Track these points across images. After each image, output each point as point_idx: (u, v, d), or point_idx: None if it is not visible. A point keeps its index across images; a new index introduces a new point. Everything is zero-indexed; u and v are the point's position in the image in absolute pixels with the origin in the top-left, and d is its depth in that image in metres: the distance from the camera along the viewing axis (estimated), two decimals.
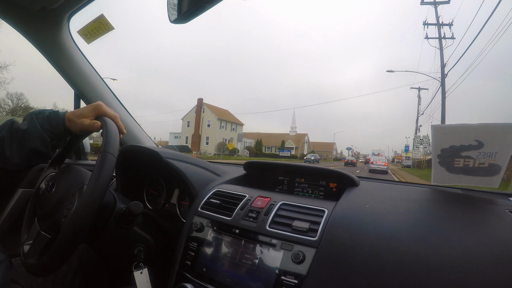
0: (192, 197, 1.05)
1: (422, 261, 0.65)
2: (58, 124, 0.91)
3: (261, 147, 56.30)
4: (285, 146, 61.81)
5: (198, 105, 48.59)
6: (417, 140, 25.58)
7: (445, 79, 18.72)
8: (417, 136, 26.50)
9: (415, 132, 28.82)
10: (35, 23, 1.26)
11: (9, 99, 35.69)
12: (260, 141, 56.87)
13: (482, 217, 0.81)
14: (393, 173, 21.77)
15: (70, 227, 0.70)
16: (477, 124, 0.91)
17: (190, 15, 0.83)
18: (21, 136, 0.88)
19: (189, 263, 0.90)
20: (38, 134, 0.88)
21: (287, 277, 0.73)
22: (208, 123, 50.02)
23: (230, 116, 54.91)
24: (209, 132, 49.74)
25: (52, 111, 0.93)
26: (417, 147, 25.33)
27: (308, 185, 1.13)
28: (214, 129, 49.61)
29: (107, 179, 0.75)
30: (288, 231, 0.80)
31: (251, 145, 56.57)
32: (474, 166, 0.93)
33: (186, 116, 53.43)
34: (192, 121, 50.43)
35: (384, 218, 0.79)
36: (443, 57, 19.29)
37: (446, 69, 18.81)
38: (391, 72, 24.04)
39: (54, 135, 0.91)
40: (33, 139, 0.88)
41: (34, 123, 0.89)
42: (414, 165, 29.92)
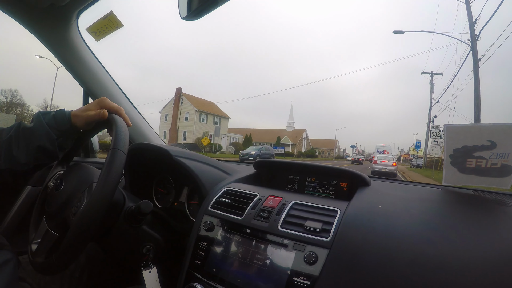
0: (202, 195, 1.05)
1: (435, 262, 0.65)
2: (64, 120, 0.91)
3: (251, 144, 47.40)
4: (281, 143, 57.20)
5: (176, 95, 39.54)
6: (435, 132, 20.85)
7: (476, 41, 13.39)
8: (435, 126, 21.70)
9: (428, 125, 24.27)
10: (44, 21, 1.26)
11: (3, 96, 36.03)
12: (250, 137, 50.09)
13: (494, 218, 0.80)
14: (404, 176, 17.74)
15: (79, 225, 0.70)
16: (490, 124, 0.90)
17: (201, 12, 0.83)
18: (27, 134, 0.88)
19: (199, 262, 0.89)
20: (44, 132, 0.88)
21: (299, 278, 0.73)
22: (186, 116, 43.68)
23: (213, 108, 48.63)
24: (187, 126, 43.20)
25: (58, 110, 0.94)
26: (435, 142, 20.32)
27: (319, 185, 1.13)
28: (192, 122, 43.38)
29: (117, 176, 0.74)
30: (301, 231, 0.79)
31: (238, 141, 50.70)
32: (486, 166, 0.92)
33: (164, 108, 47.25)
34: (170, 114, 41.63)
35: (396, 219, 0.79)
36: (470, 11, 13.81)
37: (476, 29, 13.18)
38: (400, 33, 19.36)
39: (61, 132, 0.91)
40: (40, 137, 0.88)
41: (41, 122, 0.89)
42: (426, 164, 26.76)
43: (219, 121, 47.70)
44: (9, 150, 0.86)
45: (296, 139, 62.41)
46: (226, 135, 47.55)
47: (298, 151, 59.20)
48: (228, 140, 48.76)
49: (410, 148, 35.78)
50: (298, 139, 63.18)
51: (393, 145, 39.65)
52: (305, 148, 64.70)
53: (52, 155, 0.92)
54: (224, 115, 49.84)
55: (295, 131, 67.03)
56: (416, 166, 30.84)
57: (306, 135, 68.24)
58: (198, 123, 43.85)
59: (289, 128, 70.00)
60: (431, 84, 25.90)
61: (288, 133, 64.73)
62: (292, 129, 69.50)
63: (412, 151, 33.67)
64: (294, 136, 63.59)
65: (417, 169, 26.97)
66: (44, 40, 1.32)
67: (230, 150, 45.49)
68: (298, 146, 62.10)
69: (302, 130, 67.78)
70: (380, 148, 32.51)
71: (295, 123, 75.76)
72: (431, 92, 25.64)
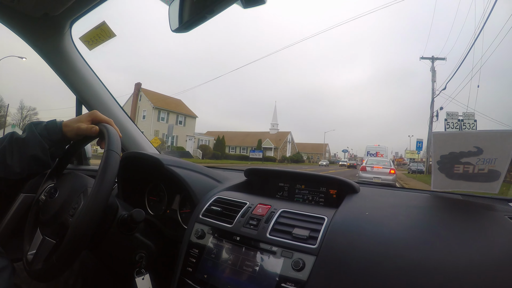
0: (193, 204, 1.06)
1: (421, 268, 0.66)
2: (55, 131, 0.94)
3: (223, 147, 44.27)
4: (262, 146, 51.31)
5: (135, 91, 30.37)
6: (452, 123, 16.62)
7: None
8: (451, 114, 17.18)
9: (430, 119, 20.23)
10: (38, 30, 1.27)
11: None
12: (222, 139, 44.06)
13: (482, 223, 0.82)
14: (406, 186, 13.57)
15: (80, 223, 0.71)
16: (476, 131, 0.92)
17: (191, 25, 0.85)
18: (21, 145, 0.90)
19: (190, 269, 0.90)
20: (37, 142, 0.91)
21: (287, 284, 0.74)
22: (143, 114, 37.79)
23: (178, 106, 41.72)
24: (145, 126, 36.42)
25: (50, 121, 0.96)
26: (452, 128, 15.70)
27: (309, 192, 1.14)
28: (150, 121, 37.30)
29: (113, 175, 0.77)
30: (288, 239, 0.81)
31: (208, 144, 45.06)
32: (473, 172, 0.94)
33: (123, 106, 39.44)
34: (129, 112, 35.05)
35: (383, 225, 0.80)
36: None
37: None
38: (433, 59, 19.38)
39: (52, 142, 0.93)
40: (33, 147, 0.90)
41: (33, 132, 0.92)
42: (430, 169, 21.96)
43: (183, 120, 41.37)
44: (3, 160, 0.88)
45: (279, 142, 56.16)
46: (192, 137, 42.51)
47: (281, 156, 54.43)
48: (195, 143, 43.58)
49: (406, 151, 31.12)
50: (282, 142, 56.79)
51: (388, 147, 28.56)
52: (290, 152, 58.43)
53: (44, 164, 0.94)
54: (191, 114, 43.47)
55: (279, 134, 60.22)
56: (416, 172, 25.80)
57: (291, 138, 61.24)
58: (157, 122, 37.64)
59: (273, 131, 62.76)
60: (432, 72, 22.05)
61: (270, 135, 58.27)
62: (276, 131, 62.50)
63: (408, 154, 29.90)
64: (277, 139, 57.18)
65: (419, 176, 22.10)
66: (38, 49, 1.33)
67: (197, 154, 39.97)
68: (282, 150, 56.41)
69: (287, 132, 60.71)
70: (372, 149, 24.36)
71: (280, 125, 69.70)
72: (432, 81, 21.68)
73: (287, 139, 58.46)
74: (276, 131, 62.33)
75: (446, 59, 22.53)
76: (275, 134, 59.96)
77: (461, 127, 17.10)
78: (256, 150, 45.22)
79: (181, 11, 0.83)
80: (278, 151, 54.40)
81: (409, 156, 30.11)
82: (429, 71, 21.90)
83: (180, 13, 0.83)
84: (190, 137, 41.69)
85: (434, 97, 20.91)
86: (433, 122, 20.31)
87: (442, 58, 22.25)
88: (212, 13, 0.76)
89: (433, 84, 21.50)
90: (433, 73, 21.86)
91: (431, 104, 21.04)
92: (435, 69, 22.08)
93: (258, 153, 42.16)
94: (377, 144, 25.05)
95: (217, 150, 42.01)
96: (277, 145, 54.95)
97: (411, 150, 29.32)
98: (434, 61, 22.22)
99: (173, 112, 39.31)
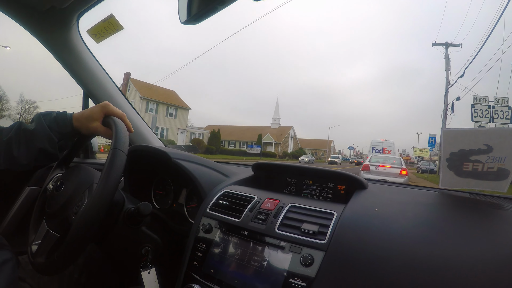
0: (200, 198, 1.06)
1: (430, 265, 0.65)
2: (65, 124, 0.92)
3: (218, 142, 41.07)
4: (262, 141, 48.38)
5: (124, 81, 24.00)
6: (481, 111, 14.68)
7: None
8: (480, 98, 15.05)
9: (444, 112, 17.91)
10: (45, 23, 1.27)
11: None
12: (218, 133, 41.12)
13: (490, 221, 0.81)
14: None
15: (81, 223, 0.71)
16: (486, 129, 0.91)
17: (201, 16, 0.84)
18: (28, 137, 0.89)
19: (197, 264, 0.90)
20: (46, 135, 0.89)
21: (296, 279, 0.73)
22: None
23: (170, 97, 39.31)
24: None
25: (59, 112, 0.94)
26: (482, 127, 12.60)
27: (317, 187, 1.13)
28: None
29: (118, 175, 0.76)
30: (297, 234, 0.80)
31: (202, 138, 42.25)
32: (483, 170, 0.93)
33: None
34: None
35: (392, 222, 0.80)
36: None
37: None
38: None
39: (62, 135, 0.92)
40: (41, 140, 0.89)
41: (42, 124, 0.90)
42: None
43: (174, 112, 38.57)
44: (9, 151, 0.87)
45: (280, 138, 52.76)
46: (184, 130, 39.89)
47: (282, 151, 51.37)
48: (187, 136, 40.90)
49: (415, 149, 27.89)
50: (283, 137, 53.39)
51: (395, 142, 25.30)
52: (291, 148, 55.33)
53: (52, 157, 0.93)
54: (183, 106, 40.35)
55: (280, 129, 57.07)
56: (427, 171, 22.62)
57: (293, 133, 58.22)
58: (144, 113, 34.18)
59: (274, 125, 59.30)
60: (446, 59, 19.47)
61: (271, 130, 54.96)
62: (278, 126, 59.02)
63: (417, 152, 26.66)
64: (279, 134, 53.92)
65: (431, 176, 19.34)
66: (45, 42, 1.33)
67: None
68: (283, 145, 53.16)
69: (289, 127, 57.47)
70: (378, 144, 20.73)
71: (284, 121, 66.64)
72: (446, 69, 19.08)
73: (289, 134, 55.57)
74: (278, 125, 59.35)
75: (461, 45, 19.82)
76: (276, 128, 57.07)
77: (492, 116, 14.91)
78: (254, 145, 42.70)
79: (190, 2, 0.82)
80: (279, 146, 51.45)
81: (417, 154, 27.04)
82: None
83: (189, 4, 0.82)
84: (182, 130, 39.58)
85: (449, 87, 18.60)
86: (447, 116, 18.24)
87: (457, 44, 19.67)
88: (223, 4, 0.75)
89: (447, 73, 19.13)
90: (447, 60, 19.50)
91: (445, 95, 18.66)
92: (449, 57, 19.67)
93: (256, 148, 39.68)
94: (384, 139, 20.86)
95: (211, 144, 39.40)
96: (278, 140, 51.88)
97: (420, 148, 26.74)
98: (448, 48, 19.75)
99: (162, 103, 37.01)
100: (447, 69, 19.01)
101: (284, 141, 53.22)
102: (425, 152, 25.25)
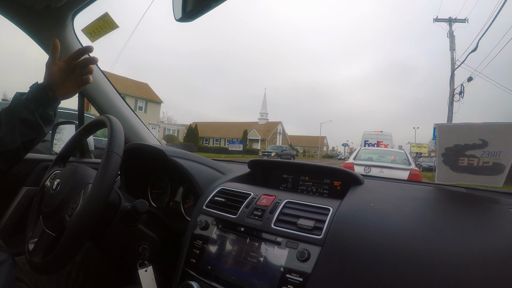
0: (197, 195, 1.06)
1: (426, 259, 0.66)
2: (38, 89, 0.93)
3: (196, 138, 38.94)
4: (248, 138, 45.59)
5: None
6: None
7: None
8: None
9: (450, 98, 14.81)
10: (40, 22, 1.26)
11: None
12: (195, 129, 39.49)
13: (486, 215, 0.82)
14: None
15: (75, 226, 0.71)
16: (481, 123, 0.91)
17: (196, 13, 0.84)
18: (8, 113, 0.91)
19: (194, 261, 0.90)
20: (22, 104, 0.91)
21: (292, 275, 0.74)
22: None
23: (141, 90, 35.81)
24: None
25: (33, 84, 0.97)
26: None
27: (313, 183, 1.14)
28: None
29: (112, 179, 0.76)
30: (293, 229, 0.81)
31: (177, 134, 40.59)
32: (478, 165, 0.94)
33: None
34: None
35: (388, 216, 0.80)
36: None
37: None
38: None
39: (38, 102, 0.93)
40: (19, 110, 0.90)
41: (18, 98, 0.92)
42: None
43: (144, 106, 35.31)
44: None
45: (267, 134, 49.10)
46: (156, 125, 37.30)
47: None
48: (160, 132, 38.40)
49: (412, 145, 23.91)
50: (271, 133, 49.66)
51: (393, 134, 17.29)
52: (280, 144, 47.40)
53: (35, 125, 0.93)
54: (155, 99, 37.36)
55: (268, 124, 53.32)
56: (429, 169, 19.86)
57: (282, 129, 54.16)
58: None
59: (262, 121, 55.77)
60: (450, 37, 16.58)
61: (258, 126, 51.66)
62: (266, 121, 55.43)
63: (414, 147, 23.12)
64: (266, 130, 50.19)
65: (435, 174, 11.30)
66: (40, 41, 1.32)
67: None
68: (271, 142, 48.68)
69: (277, 122, 53.55)
70: (371, 137, 16.10)
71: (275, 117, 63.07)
72: (451, 49, 16.26)
73: (277, 129, 52.14)
74: (266, 121, 56.02)
75: (467, 21, 16.68)
76: (264, 124, 53.68)
77: None
78: (236, 141, 38.23)
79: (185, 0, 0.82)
80: (266, 143, 47.26)
81: (415, 150, 23.61)
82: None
83: (184, 1, 0.82)
84: (154, 125, 36.39)
85: (455, 69, 15.64)
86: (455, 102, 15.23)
87: (462, 19, 16.61)
88: (217, 0, 0.75)
89: (452, 53, 16.18)
90: (451, 38, 16.59)
91: (451, 78, 15.79)
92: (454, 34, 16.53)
93: (238, 145, 35.08)
94: (379, 130, 16.60)
95: (188, 141, 36.32)
96: (265, 136, 48.42)
97: (418, 143, 23.95)
98: (453, 24, 16.71)
99: (130, 96, 33.03)
100: (451, 48, 16.29)
101: (271, 137, 49.95)
102: (424, 148, 23.41)
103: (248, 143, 45.05)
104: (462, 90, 14.37)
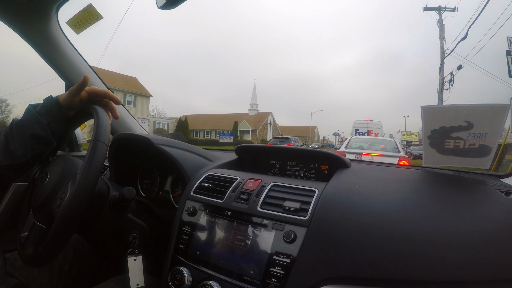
0: (184, 182, 1.06)
1: (413, 239, 0.66)
2: (52, 105, 0.92)
3: (187, 131, 38.92)
4: (239, 129, 45.50)
5: None
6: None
7: None
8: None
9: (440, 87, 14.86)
10: (23, 15, 1.25)
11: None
12: (185, 121, 39.59)
13: (472, 196, 0.83)
14: None
15: (63, 216, 0.72)
16: (466, 105, 0.91)
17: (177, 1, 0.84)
18: (20, 127, 0.90)
19: (183, 247, 0.90)
20: (35, 119, 0.90)
21: (279, 256, 0.74)
22: None
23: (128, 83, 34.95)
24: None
25: (47, 97, 0.95)
26: None
27: (300, 168, 1.14)
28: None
29: (99, 167, 0.76)
30: (279, 211, 0.81)
31: (167, 128, 40.30)
32: (464, 147, 0.94)
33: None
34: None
35: (374, 197, 0.81)
36: None
37: None
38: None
39: (51, 117, 0.92)
40: (31, 125, 0.89)
41: (31, 111, 0.91)
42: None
43: (133, 100, 34.59)
44: (6, 146, 0.88)
45: (258, 125, 48.74)
46: (146, 120, 36.34)
47: (261, 139, 46.65)
48: (150, 126, 37.09)
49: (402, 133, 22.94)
50: (261, 124, 49.39)
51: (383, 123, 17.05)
52: (271, 135, 49.29)
53: (46, 141, 0.93)
54: (144, 93, 36.48)
55: (258, 115, 52.84)
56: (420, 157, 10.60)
57: (273, 119, 53.77)
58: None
59: (252, 112, 55.00)
60: (440, 26, 16.54)
61: (249, 117, 51.29)
62: (256, 112, 54.63)
63: (405, 136, 22.41)
64: (256, 121, 49.75)
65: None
66: (25, 35, 1.31)
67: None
68: (261, 132, 49.06)
69: (267, 113, 53.24)
70: (361, 126, 16.21)
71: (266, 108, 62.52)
72: (440, 37, 16.25)
73: (268, 120, 51.52)
74: (256, 112, 54.95)
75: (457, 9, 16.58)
76: (254, 115, 52.96)
77: None
78: (227, 133, 37.05)
79: None
80: (256, 134, 47.51)
81: (405, 138, 23.17)
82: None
83: None
84: (144, 119, 35.27)
85: (444, 58, 15.71)
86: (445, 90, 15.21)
87: (452, 8, 16.62)
88: None
89: (441, 41, 16.16)
90: (440, 27, 16.60)
91: (440, 66, 15.79)
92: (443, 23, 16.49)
93: (229, 137, 33.49)
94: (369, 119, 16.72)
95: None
96: (256, 127, 48.00)
97: (408, 132, 23.33)
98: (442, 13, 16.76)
99: (119, 90, 32.03)
100: (441, 37, 16.35)
101: (262, 128, 49.77)
102: (414, 136, 22.68)
103: (239, 135, 44.94)
104: (452, 78, 14.32)
